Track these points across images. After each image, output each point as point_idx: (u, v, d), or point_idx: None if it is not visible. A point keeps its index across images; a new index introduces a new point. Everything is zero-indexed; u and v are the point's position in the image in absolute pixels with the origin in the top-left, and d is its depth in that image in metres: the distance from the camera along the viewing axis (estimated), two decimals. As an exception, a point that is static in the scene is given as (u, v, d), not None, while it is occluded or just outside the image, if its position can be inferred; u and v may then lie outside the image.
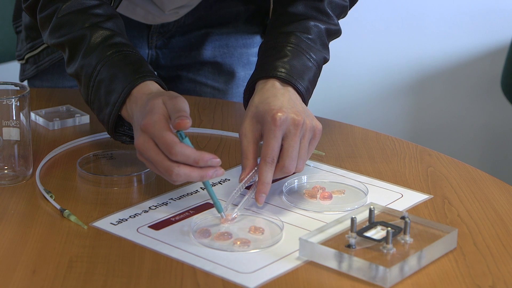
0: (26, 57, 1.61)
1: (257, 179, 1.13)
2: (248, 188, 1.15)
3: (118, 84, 1.18)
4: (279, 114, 1.13)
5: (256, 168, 1.14)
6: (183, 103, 1.09)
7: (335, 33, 1.33)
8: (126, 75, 1.18)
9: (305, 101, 1.22)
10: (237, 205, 1.11)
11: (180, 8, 1.54)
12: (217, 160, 1.07)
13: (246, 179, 1.13)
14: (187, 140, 1.07)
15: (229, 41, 1.64)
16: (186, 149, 1.06)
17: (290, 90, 1.20)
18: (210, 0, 1.57)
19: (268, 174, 1.12)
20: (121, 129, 1.22)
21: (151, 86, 1.17)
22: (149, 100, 1.12)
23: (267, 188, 1.12)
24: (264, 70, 1.23)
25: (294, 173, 1.16)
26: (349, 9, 1.38)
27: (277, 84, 1.20)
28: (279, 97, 1.17)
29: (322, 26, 1.29)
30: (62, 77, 1.61)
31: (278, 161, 1.13)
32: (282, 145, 1.13)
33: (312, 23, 1.29)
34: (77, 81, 1.25)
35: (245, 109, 1.23)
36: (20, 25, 1.66)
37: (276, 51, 1.25)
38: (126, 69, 1.19)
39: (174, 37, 1.62)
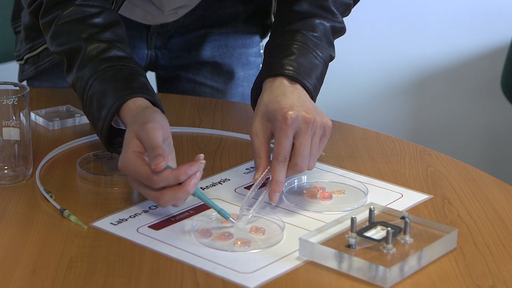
0: (25, 57, 1.61)
1: (270, 178, 1.13)
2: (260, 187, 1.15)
3: (108, 100, 1.18)
4: (290, 112, 1.13)
5: (269, 167, 1.14)
6: (154, 132, 1.07)
7: (340, 30, 1.33)
8: (115, 91, 1.18)
9: (313, 98, 1.23)
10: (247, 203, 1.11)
11: (179, 8, 1.54)
12: (195, 166, 1.05)
13: (260, 178, 1.13)
14: None
15: (228, 41, 1.64)
16: (163, 173, 1.05)
17: (299, 87, 1.20)
18: (209, 0, 1.57)
19: (281, 173, 1.12)
20: (115, 141, 1.22)
21: (136, 105, 1.16)
22: (125, 133, 1.11)
23: (281, 187, 1.12)
24: (272, 68, 1.23)
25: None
26: (353, 7, 1.38)
27: (285, 82, 1.20)
28: (288, 95, 1.17)
29: (328, 24, 1.30)
30: (61, 77, 1.60)
31: (290, 160, 1.13)
32: (293, 144, 1.14)
33: (317, 21, 1.29)
34: (75, 92, 1.26)
35: (253, 108, 1.23)
36: (19, 26, 1.65)
37: (283, 49, 1.25)
38: (117, 84, 1.19)
39: (173, 37, 1.62)
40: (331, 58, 1.30)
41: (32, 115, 1.43)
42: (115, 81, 1.19)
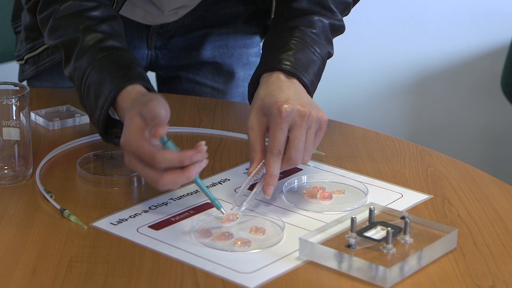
0: (25, 57, 1.61)
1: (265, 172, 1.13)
2: (251, 188, 1.14)
3: (105, 88, 1.18)
4: (285, 106, 1.13)
5: (264, 161, 1.14)
6: (157, 107, 1.07)
7: (339, 29, 1.33)
8: (113, 79, 1.18)
9: (310, 94, 1.23)
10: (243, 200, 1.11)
11: (179, 8, 1.54)
12: (201, 154, 1.05)
13: (254, 172, 1.13)
14: (169, 144, 1.06)
15: (229, 42, 1.64)
16: (167, 154, 1.05)
17: (295, 82, 1.20)
18: (210, 0, 1.57)
19: (276, 166, 1.12)
20: (112, 131, 1.22)
21: (135, 90, 1.16)
22: (127, 113, 1.11)
23: (275, 180, 1.12)
24: (269, 63, 1.23)
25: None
26: (352, 7, 1.38)
27: (282, 76, 1.20)
28: (284, 89, 1.17)
29: (326, 21, 1.30)
30: (62, 77, 1.61)
31: (284, 153, 1.13)
32: (288, 137, 1.13)
33: (316, 18, 1.29)
34: (73, 83, 1.26)
35: (250, 103, 1.23)
36: (19, 26, 1.66)
37: (281, 45, 1.25)
38: (114, 73, 1.19)
39: (173, 37, 1.62)
40: (330, 55, 1.30)
41: (32, 115, 1.43)
42: (113, 70, 1.19)
